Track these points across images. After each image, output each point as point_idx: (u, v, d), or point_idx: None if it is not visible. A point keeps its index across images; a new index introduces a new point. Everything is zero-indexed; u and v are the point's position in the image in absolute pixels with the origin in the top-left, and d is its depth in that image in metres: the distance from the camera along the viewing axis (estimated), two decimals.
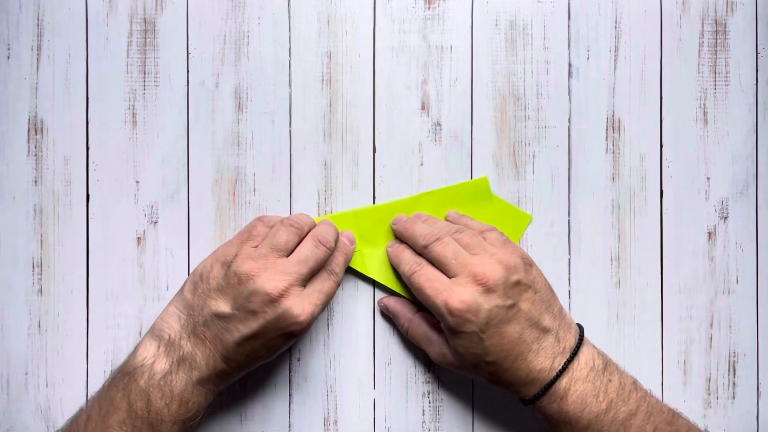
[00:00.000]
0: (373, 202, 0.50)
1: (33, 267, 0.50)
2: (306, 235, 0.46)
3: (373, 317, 0.50)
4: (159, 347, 0.43)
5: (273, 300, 0.42)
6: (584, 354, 0.43)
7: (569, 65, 0.51)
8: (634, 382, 0.44)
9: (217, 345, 0.43)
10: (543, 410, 0.43)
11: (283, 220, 0.46)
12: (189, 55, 0.50)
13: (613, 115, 0.51)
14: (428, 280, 0.44)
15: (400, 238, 0.48)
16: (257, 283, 0.42)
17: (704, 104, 0.51)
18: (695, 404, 0.51)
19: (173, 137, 0.50)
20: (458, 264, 0.43)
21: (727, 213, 0.51)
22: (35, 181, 0.50)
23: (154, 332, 0.44)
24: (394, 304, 0.49)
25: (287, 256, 0.44)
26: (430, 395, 0.51)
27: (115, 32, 0.50)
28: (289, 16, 0.50)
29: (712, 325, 0.51)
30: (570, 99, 0.51)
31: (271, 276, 0.42)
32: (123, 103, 0.50)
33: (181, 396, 0.42)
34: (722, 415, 0.51)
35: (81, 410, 0.44)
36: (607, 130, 0.51)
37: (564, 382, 0.42)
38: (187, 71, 0.50)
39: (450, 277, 0.43)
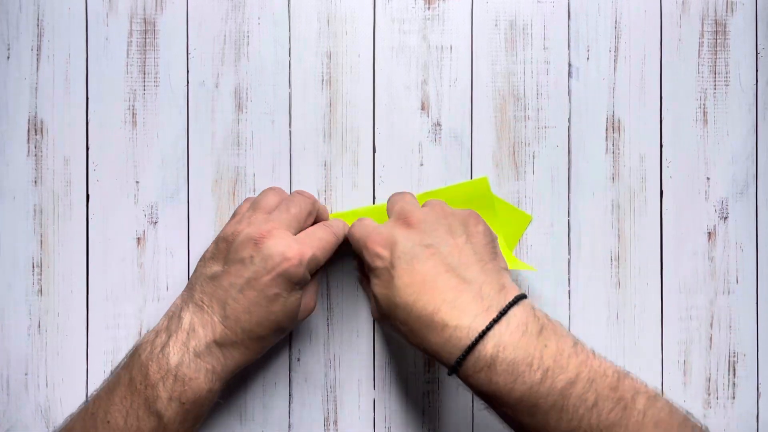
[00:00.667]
0: (373, 202, 0.50)
1: (33, 267, 0.50)
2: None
3: (374, 317, 0.50)
4: (163, 323, 0.43)
5: (257, 242, 0.41)
6: (516, 316, 0.37)
7: (569, 65, 0.51)
8: (575, 345, 0.38)
9: (214, 306, 0.42)
10: (470, 381, 0.38)
11: (267, 187, 0.46)
12: (189, 55, 0.50)
13: (613, 115, 0.51)
14: (362, 227, 0.42)
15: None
16: (242, 235, 0.42)
17: (704, 104, 0.51)
18: (695, 404, 0.51)
19: (173, 137, 0.50)
20: (396, 211, 0.42)
21: (727, 213, 0.51)
22: (35, 181, 0.50)
23: (166, 312, 0.44)
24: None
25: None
26: (430, 395, 0.51)
27: (115, 32, 0.50)
28: (289, 16, 0.50)
29: (712, 325, 0.51)
30: (570, 99, 0.51)
31: (255, 226, 0.42)
32: (123, 103, 0.50)
33: (177, 369, 0.40)
34: (722, 415, 0.51)
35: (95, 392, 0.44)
36: (607, 130, 0.51)
37: (489, 347, 0.37)
38: (187, 71, 0.50)
39: None
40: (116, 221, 0.50)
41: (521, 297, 0.39)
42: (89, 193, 0.50)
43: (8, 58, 0.49)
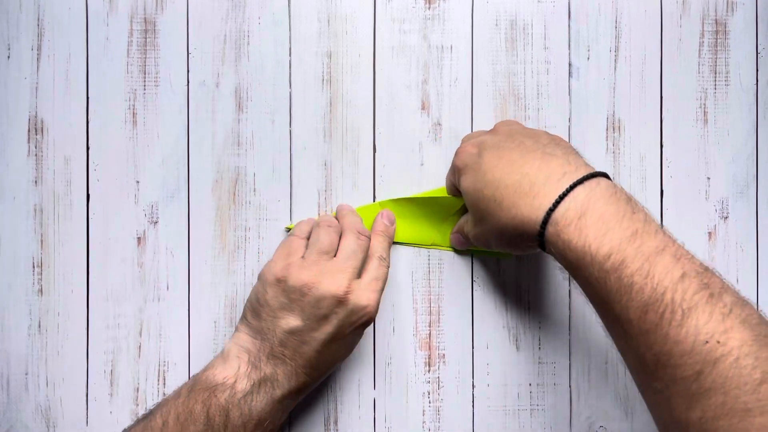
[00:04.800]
0: (374, 202, 0.50)
1: (33, 267, 0.50)
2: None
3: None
4: (239, 368, 0.43)
5: (341, 300, 0.43)
6: (604, 181, 0.38)
7: (569, 65, 0.51)
8: (659, 225, 0.37)
9: (297, 360, 0.43)
10: (561, 237, 0.37)
11: (319, 222, 0.47)
12: (189, 55, 0.50)
13: (613, 115, 0.51)
14: (457, 153, 0.45)
15: None
16: (321, 289, 0.43)
17: (704, 104, 0.51)
18: None
19: (173, 137, 0.50)
20: (476, 134, 0.47)
21: (727, 213, 0.51)
22: (35, 181, 0.50)
23: (231, 354, 0.44)
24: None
25: (334, 255, 0.45)
26: (430, 395, 0.51)
27: (115, 32, 0.50)
28: (289, 16, 0.50)
29: None
30: (570, 99, 0.51)
31: (331, 278, 0.43)
32: (123, 103, 0.50)
33: (259, 416, 0.42)
34: None
35: (151, 413, 0.43)
36: (607, 130, 0.51)
37: (581, 196, 0.36)
38: (187, 71, 0.50)
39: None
40: (116, 221, 0.50)
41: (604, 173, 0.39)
42: (89, 192, 0.50)
43: (8, 58, 0.49)
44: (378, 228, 0.48)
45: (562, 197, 0.37)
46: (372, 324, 0.48)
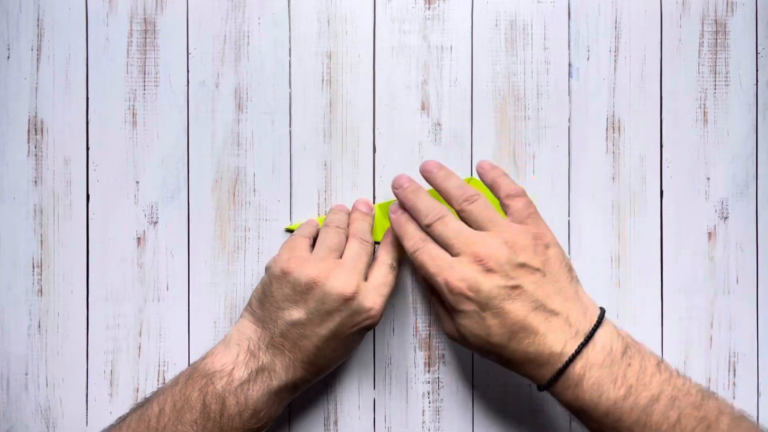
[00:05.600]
0: (374, 202, 0.50)
1: (33, 267, 0.50)
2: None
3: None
4: (238, 356, 0.43)
5: (348, 298, 0.43)
6: (600, 338, 0.41)
7: (569, 65, 0.51)
8: (658, 364, 0.40)
9: (296, 352, 0.43)
10: (559, 397, 0.41)
11: (327, 223, 0.47)
12: (189, 55, 0.50)
13: (613, 115, 0.51)
14: (431, 258, 0.43)
15: (402, 206, 0.46)
16: (328, 286, 0.43)
17: (704, 104, 0.51)
18: None
19: (173, 137, 0.50)
20: (460, 243, 0.42)
21: (727, 213, 0.51)
22: (35, 181, 0.50)
23: (232, 341, 0.44)
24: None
25: (340, 256, 0.46)
26: (430, 395, 0.51)
27: (115, 32, 0.50)
28: (289, 16, 0.50)
29: (712, 325, 0.51)
30: (570, 99, 0.51)
31: (340, 276, 0.43)
32: (123, 103, 0.50)
33: (255, 405, 0.42)
34: None
35: (147, 401, 0.43)
36: (607, 130, 0.51)
37: (578, 367, 0.40)
38: (187, 71, 0.50)
39: (453, 255, 0.42)
40: (116, 221, 0.50)
41: (602, 315, 0.42)
42: (89, 193, 0.50)
43: (8, 58, 0.49)
44: (388, 238, 0.48)
45: (561, 371, 0.40)
46: (373, 329, 0.48)
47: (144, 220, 0.50)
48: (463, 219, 0.44)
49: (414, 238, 0.44)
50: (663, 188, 0.51)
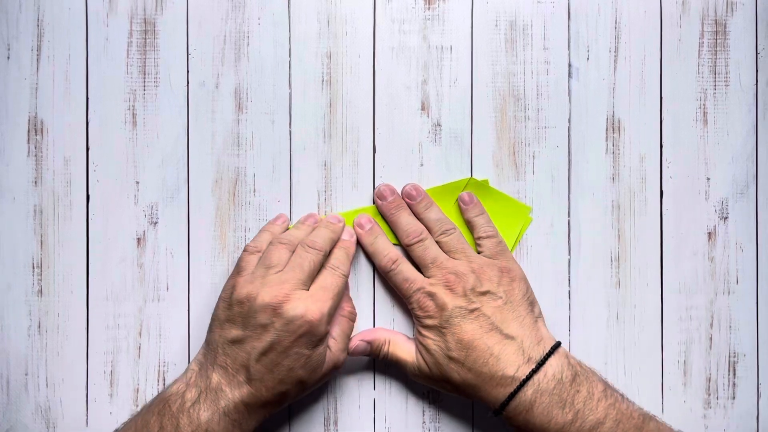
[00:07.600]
0: (373, 203, 0.50)
1: (33, 267, 0.50)
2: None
3: (373, 317, 0.50)
4: (191, 378, 0.44)
5: (275, 308, 0.43)
6: (552, 366, 0.44)
7: (569, 65, 0.51)
8: (605, 390, 0.44)
9: (239, 369, 0.44)
10: (511, 421, 0.45)
11: (272, 240, 0.47)
12: (189, 56, 0.50)
13: (613, 115, 0.51)
14: (405, 280, 0.48)
15: (382, 217, 0.50)
16: (258, 300, 0.43)
17: (704, 104, 0.52)
18: (695, 404, 0.51)
19: (173, 137, 0.50)
20: (435, 268, 0.47)
21: (727, 213, 0.51)
22: (35, 181, 0.50)
23: (189, 366, 0.46)
24: (365, 338, 0.48)
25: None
26: (430, 395, 0.51)
27: (115, 32, 0.50)
28: (289, 16, 0.50)
29: (712, 325, 0.51)
30: (570, 99, 0.51)
31: (269, 289, 0.44)
32: (123, 104, 0.50)
33: (207, 425, 0.43)
34: (722, 415, 0.51)
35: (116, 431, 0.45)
36: (607, 130, 0.51)
37: (529, 393, 0.44)
38: (187, 71, 0.50)
39: (426, 276, 0.47)
40: (116, 221, 0.50)
41: (556, 346, 0.46)
42: (89, 193, 0.50)
43: (8, 58, 0.49)
44: (340, 241, 0.48)
45: (513, 395, 0.44)
46: (324, 339, 0.45)
47: (144, 220, 0.50)
48: (439, 245, 0.48)
49: (386, 258, 0.48)
50: (663, 188, 0.51)
